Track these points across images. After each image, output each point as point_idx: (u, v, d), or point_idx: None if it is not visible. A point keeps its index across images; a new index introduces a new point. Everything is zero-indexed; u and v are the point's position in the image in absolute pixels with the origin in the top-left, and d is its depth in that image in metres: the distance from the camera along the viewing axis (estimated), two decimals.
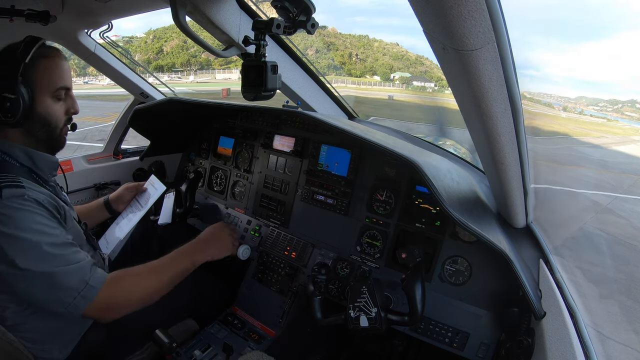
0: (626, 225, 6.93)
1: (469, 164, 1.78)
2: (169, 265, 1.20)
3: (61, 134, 1.14)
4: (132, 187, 1.69)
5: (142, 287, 1.11)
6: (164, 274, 1.17)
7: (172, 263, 1.21)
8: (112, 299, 1.03)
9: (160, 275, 1.16)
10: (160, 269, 1.18)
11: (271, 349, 1.52)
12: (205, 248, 1.34)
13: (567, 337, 0.86)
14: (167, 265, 1.20)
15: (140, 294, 1.10)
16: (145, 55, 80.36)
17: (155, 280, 1.14)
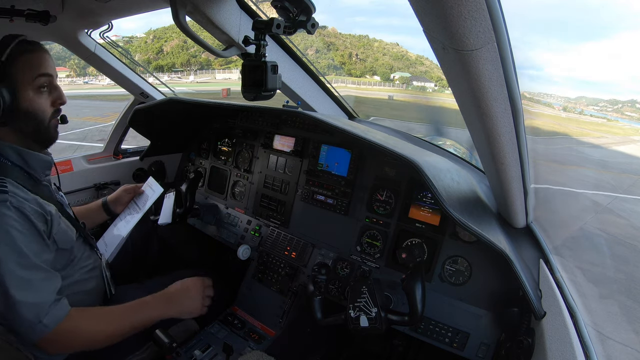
0: (626, 225, 6.94)
1: (469, 164, 1.78)
2: (130, 315, 1.15)
3: (49, 127, 1.11)
4: (130, 189, 1.69)
5: (98, 332, 1.07)
6: (123, 323, 1.12)
7: (134, 314, 1.16)
8: (64, 338, 1.01)
9: (120, 323, 1.12)
10: (121, 317, 1.13)
11: (271, 349, 1.52)
12: (171, 304, 1.25)
13: (567, 337, 0.85)
14: (128, 314, 1.15)
15: (94, 338, 1.07)
16: (145, 55, 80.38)
17: (113, 327, 1.10)
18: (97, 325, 1.08)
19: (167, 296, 1.26)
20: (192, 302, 1.30)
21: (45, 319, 0.95)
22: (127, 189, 1.69)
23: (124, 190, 1.69)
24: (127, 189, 1.69)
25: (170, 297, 1.26)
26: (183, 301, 1.27)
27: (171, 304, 1.25)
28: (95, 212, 1.64)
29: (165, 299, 1.24)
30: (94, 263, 1.29)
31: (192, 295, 1.30)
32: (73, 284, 1.17)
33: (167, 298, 1.25)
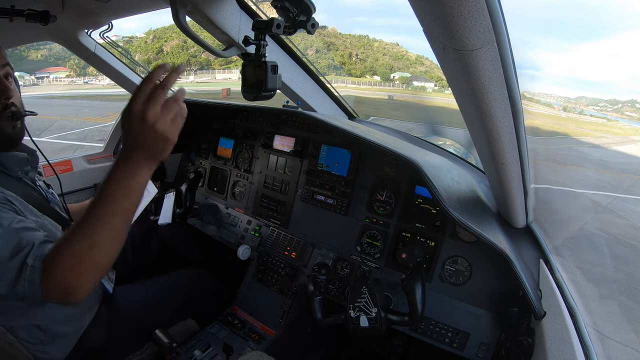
0: (626, 225, 6.94)
1: (469, 164, 1.78)
2: (106, 203, 0.80)
3: (2, 127, 0.99)
4: None
5: (89, 240, 0.80)
6: (105, 217, 0.80)
7: (109, 201, 0.80)
8: (60, 271, 0.80)
9: (101, 219, 0.80)
10: (97, 213, 0.80)
11: (271, 349, 1.52)
12: (139, 153, 0.80)
13: (567, 337, 0.86)
14: (104, 203, 0.80)
15: (92, 248, 0.80)
16: (145, 55, 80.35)
17: (97, 226, 0.80)
18: (82, 236, 0.80)
19: (128, 151, 0.81)
20: (157, 136, 0.78)
21: (30, 259, 0.81)
22: None
23: None
24: None
25: (133, 147, 0.80)
26: (148, 142, 0.79)
27: (139, 152, 0.80)
28: None
29: (128, 155, 0.81)
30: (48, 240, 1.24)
31: (150, 125, 0.77)
32: None
33: (129, 153, 0.81)
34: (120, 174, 0.80)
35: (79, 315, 1.21)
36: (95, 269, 0.82)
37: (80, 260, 0.79)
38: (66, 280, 0.80)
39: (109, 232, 0.80)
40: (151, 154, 0.81)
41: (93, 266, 0.81)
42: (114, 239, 0.82)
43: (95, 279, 0.84)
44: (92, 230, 0.79)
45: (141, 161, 0.80)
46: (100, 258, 0.81)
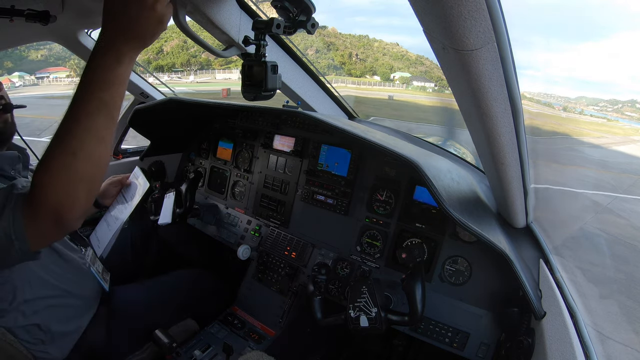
0: (626, 225, 6.94)
1: (469, 164, 1.78)
2: (83, 100, 0.70)
3: None
4: (116, 182, 1.64)
5: (70, 149, 0.70)
6: (85, 118, 0.70)
7: (86, 94, 0.70)
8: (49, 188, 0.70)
9: (79, 124, 0.70)
10: (74, 118, 0.70)
11: (271, 349, 1.52)
12: (129, 31, 0.71)
13: (567, 337, 0.86)
14: (81, 102, 0.70)
15: (77, 157, 0.70)
16: (145, 55, 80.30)
17: (77, 134, 0.70)
18: (61, 146, 0.70)
19: (112, 38, 0.71)
20: (154, 18, 0.71)
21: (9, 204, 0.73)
22: (114, 182, 1.63)
23: (110, 183, 1.63)
24: (113, 182, 1.63)
25: (120, 33, 0.70)
26: (142, 26, 0.71)
27: (126, 39, 0.71)
28: None
29: (111, 44, 0.71)
30: (82, 259, 1.27)
31: (150, 5, 0.70)
32: (63, 278, 1.16)
33: (113, 41, 0.71)
34: (101, 66, 0.70)
35: (78, 315, 1.21)
36: (83, 181, 0.72)
37: (63, 172, 0.70)
38: (51, 200, 0.70)
39: (91, 133, 0.70)
40: (141, 40, 0.72)
41: (79, 177, 0.71)
42: (98, 141, 0.71)
43: (86, 194, 0.73)
44: (71, 135, 0.70)
45: (126, 49, 0.71)
46: (86, 167, 0.71)
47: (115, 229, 1.54)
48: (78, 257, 1.25)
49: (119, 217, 1.57)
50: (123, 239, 1.84)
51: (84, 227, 1.77)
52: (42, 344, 1.08)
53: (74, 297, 1.19)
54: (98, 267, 1.35)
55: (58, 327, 1.12)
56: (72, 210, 0.72)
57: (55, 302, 1.12)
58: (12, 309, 1.01)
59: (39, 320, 1.07)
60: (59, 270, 1.15)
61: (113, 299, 1.36)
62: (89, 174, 0.72)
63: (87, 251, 1.32)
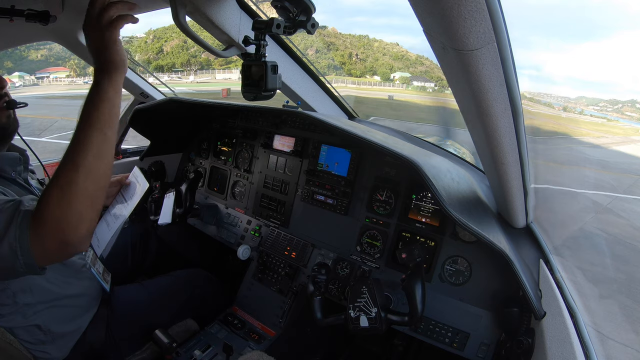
0: (626, 225, 6.93)
1: (469, 164, 1.78)
2: (80, 125, 0.81)
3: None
4: (115, 182, 1.62)
5: (75, 172, 0.78)
6: (89, 141, 0.79)
7: (81, 119, 0.81)
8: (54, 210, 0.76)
9: (85, 146, 0.79)
10: (80, 142, 0.79)
11: (271, 349, 1.52)
12: (101, 59, 0.83)
13: (567, 337, 0.86)
14: (78, 128, 0.80)
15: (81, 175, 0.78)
16: (145, 55, 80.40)
17: (82, 157, 0.79)
18: (65, 167, 0.78)
19: (95, 73, 0.84)
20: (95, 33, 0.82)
21: (15, 219, 0.77)
22: (113, 182, 1.61)
23: (110, 183, 1.64)
24: (112, 182, 1.60)
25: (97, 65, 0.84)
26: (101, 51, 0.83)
27: (100, 69, 0.84)
28: None
29: (94, 78, 0.84)
30: (82, 260, 1.26)
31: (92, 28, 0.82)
32: (64, 284, 1.16)
33: (95, 75, 0.84)
34: (89, 95, 0.83)
35: (78, 316, 1.21)
36: (85, 196, 0.78)
37: (67, 187, 0.76)
38: (56, 214, 0.76)
39: (90, 150, 0.79)
40: (105, 64, 0.84)
41: (81, 193, 0.77)
42: (97, 157, 0.80)
43: (89, 210, 0.80)
44: (73, 154, 0.78)
45: (102, 75, 0.83)
46: (87, 182, 0.78)
47: (115, 229, 1.54)
48: (78, 259, 1.25)
49: (118, 216, 1.57)
50: (123, 239, 1.85)
51: None
52: (42, 344, 1.08)
53: (74, 298, 1.19)
54: (99, 267, 1.35)
55: (58, 327, 1.12)
56: (77, 228, 0.78)
57: (55, 304, 1.12)
58: (12, 312, 1.01)
59: (39, 320, 1.07)
60: (60, 277, 1.16)
61: (113, 299, 1.36)
62: (90, 189, 0.79)
63: (88, 252, 1.32)
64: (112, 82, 0.84)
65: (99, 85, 0.83)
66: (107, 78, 0.83)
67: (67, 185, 0.77)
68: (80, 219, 0.78)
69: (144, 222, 2.03)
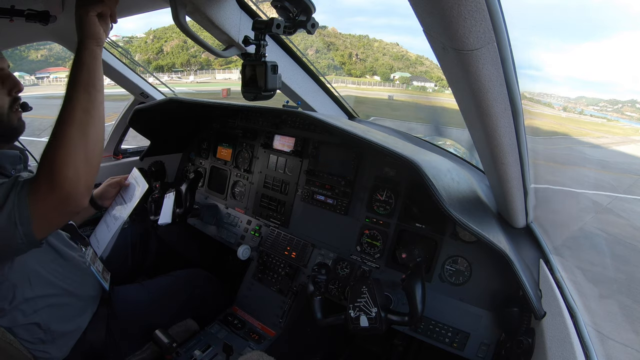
0: (626, 225, 6.93)
1: (469, 164, 1.78)
2: (66, 91, 0.90)
3: (10, 118, 1.07)
4: (114, 183, 1.65)
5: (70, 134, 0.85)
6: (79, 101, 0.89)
7: (67, 86, 0.91)
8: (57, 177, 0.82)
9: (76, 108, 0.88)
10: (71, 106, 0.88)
11: (271, 349, 1.52)
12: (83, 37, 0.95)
13: (567, 337, 0.86)
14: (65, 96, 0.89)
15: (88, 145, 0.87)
16: (145, 55, 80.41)
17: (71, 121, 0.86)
18: (56, 129, 0.86)
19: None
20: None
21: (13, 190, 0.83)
22: (112, 183, 1.65)
23: (109, 185, 1.64)
24: (111, 183, 1.65)
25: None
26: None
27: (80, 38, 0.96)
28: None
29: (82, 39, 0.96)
30: (82, 258, 1.27)
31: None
32: (63, 277, 1.16)
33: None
34: (73, 61, 0.95)
35: (78, 315, 1.21)
36: (78, 149, 0.85)
37: (59, 143, 0.84)
38: (52, 172, 0.82)
39: (77, 105, 0.88)
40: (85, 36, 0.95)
41: (73, 145, 0.85)
42: (85, 112, 0.88)
43: (84, 165, 0.86)
44: (63, 111, 0.87)
45: (81, 45, 0.96)
46: (78, 135, 0.86)
47: (115, 230, 1.54)
48: (78, 256, 1.25)
49: (118, 217, 1.57)
50: (123, 239, 1.85)
51: (84, 227, 1.78)
52: (42, 344, 1.08)
53: (74, 296, 1.19)
54: (98, 266, 1.35)
55: (58, 326, 1.12)
56: (74, 182, 0.83)
57: (55, 301, 1.12)
58: (12, 308, 1.01)
59: (39, 319, 1.07)
60: (59, 269, 1.16)
61: (113, 299, 1.36)
62: (81, 142, 0.86)
63: (87, 250, 1.33)
64: (88, 50, 0.94)
65: (79, 53, 0.94)
66: (84, 47, 0.94)
67: (59, 139, 0.84)
68: (76, 173, 0.84)
69: (144, 222, 2.03)
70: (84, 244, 1.33)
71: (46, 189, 0.82)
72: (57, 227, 0.95)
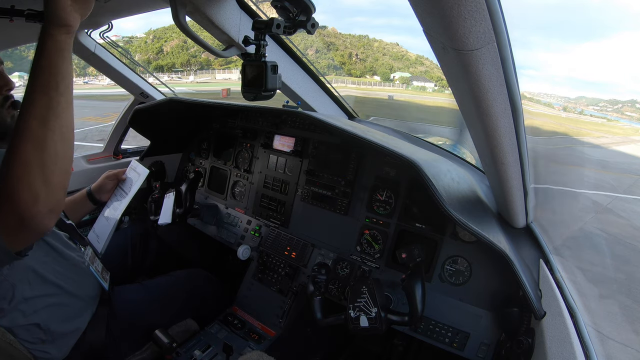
0: (626, 225, 6.93)
1: (469, 164, 1.78)
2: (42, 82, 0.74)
3: (2, 116, 1.04)
4: (112, 176, 1.64)
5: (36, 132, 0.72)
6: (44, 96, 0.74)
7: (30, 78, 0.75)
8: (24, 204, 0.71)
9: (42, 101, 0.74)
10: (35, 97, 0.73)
11: (271, 349, 1.52)
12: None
13: (567, 337, 0.86)
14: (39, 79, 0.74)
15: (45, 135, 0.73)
16: (145, 55, 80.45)
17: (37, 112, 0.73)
18: (17, 129, 0.73)
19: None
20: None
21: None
22: (109, 176, 1.64)
23: (107, 177, 1.63)
24: (109, 176, 1.64)
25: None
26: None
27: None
28: (81, 203, 1.60)
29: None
30: (81, 258, 1.26)
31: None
32: (63, 277, 1.16)
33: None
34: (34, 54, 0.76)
35: (78, 315, 1.21)
36: (32, 166, 0.72)
37: (11, 158, 0.71)
38: (6, 193, 0.70)
39: (32, 114, 0.72)
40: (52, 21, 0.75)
41: (25, 162, 0.71)
42: (42, 123, 0.73)
43: (41, 184, 0.73)
44: (18, 119, 0.73)
45: (45, 31, 0.75)
46: (29, 149, 0.72)
47: (115, 222, 1.53)
48: (77, 256, 1.25)
49: (117, 208, 1.58)
50: (123, 238, 1.85)
51: (83, 227, 1.78)
52: (42, 344, 1.08)
53: (74, 296, 1.19)
54: (97, 266, 1.35)
55: (58, 326, 1.12)
56: (31, 204, 0.71)
57: (54, 301, 1.12)
58: (11, 308, 1.01)
59: (39, 319, 1.07)
60: (59, 268, 1.15)
61: (113, 299, 1.36)
62: (36, 158, 0.71)
63: (87, 250, 1.32)
64: (52, 39, 0.75)
65: (40, 42, 0.75)
66: (48, 35, 0.74)
67: (11, 154, 0.71)
68: (33, 195, 0.71)
69: (144, 222, 2.03)
70: (82, 244, 1.33)
71: (3, 209, 0.71)
72: (28, 243, 0.84)
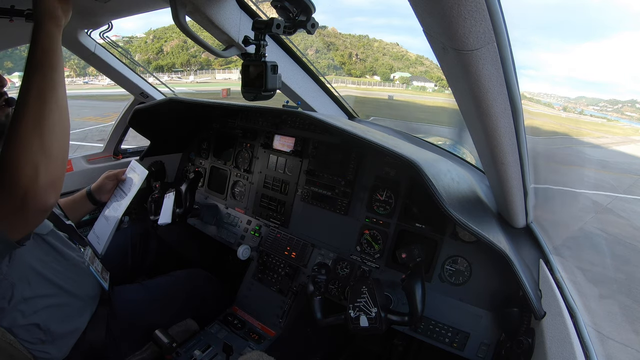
0: (626, 225, 6.93)
1: (469, 164, 1.78)
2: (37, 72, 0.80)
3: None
4: (111, 176, 1.65)
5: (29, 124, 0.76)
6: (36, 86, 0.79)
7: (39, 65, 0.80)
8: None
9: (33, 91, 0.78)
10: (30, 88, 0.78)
11: (271, 349, 1.52)
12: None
13: (567, 337, 0.86)
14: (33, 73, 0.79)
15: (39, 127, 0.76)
16: (145, 55, 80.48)
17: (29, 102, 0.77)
18: (13, 119, 0.77)
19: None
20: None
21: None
22: (109, 176, 1.64)
23: (106, 177, 1.63)
24: (109, 176, 1.64)
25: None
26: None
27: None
28: (81, 203, 1.60)
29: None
30: (80, 258, 1.27)
31: None
32: (62, 276, 1.16)
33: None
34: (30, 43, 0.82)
35: (78, 315, 1.21)
36: (32, 140, 0.75)
37: (12, 134, 0.74)
38: (9, 170, 0.73)
39: (30, 91, 0.77)
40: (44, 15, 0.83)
41: (26, 136, 0.75)
42: (37, 98, 0.78)
43: (42, 157, 0.76)
44: (17, 100, 0.78)
45: (37, 24, 0.82)
46: (29, 124, 0.76)
47: (115, 222, 1.53)
48: (77, 256, 1.25)
49: (118, 208, 1.57)
50: (123, 239, 1.85)
51: (82, 228, 1.78)
52: (42, 344, 1.08)
53: (73, 296, 1.19)
54: (97, 266, 1.35)
55: (57, 326, 1.12)
56: (33, 178, 0.74)
57: (54, 302, 1.12)
58: (11, 308, 1.01)
59: (39, 319, 1.07)
60: (59, 268, 1.15)
61: (113, 299, 1.36)
62: (34, 132, 0.76)
63: (86, 250, 1.32)
64: (44, 31, 0.82)
65: (33, 34, 0.82)
66: (40, 27, 0.82)
67: (11, 132, 0.75)
68: (33, 167, 0.74)
69: (144, 222, 2.03)
70: (82, 244, 1.33)
71: (5, 187, 0.73)
72: (30, 227, 0.85)
